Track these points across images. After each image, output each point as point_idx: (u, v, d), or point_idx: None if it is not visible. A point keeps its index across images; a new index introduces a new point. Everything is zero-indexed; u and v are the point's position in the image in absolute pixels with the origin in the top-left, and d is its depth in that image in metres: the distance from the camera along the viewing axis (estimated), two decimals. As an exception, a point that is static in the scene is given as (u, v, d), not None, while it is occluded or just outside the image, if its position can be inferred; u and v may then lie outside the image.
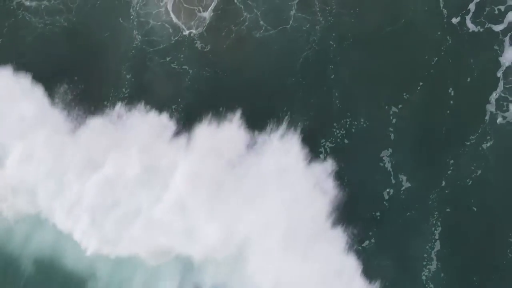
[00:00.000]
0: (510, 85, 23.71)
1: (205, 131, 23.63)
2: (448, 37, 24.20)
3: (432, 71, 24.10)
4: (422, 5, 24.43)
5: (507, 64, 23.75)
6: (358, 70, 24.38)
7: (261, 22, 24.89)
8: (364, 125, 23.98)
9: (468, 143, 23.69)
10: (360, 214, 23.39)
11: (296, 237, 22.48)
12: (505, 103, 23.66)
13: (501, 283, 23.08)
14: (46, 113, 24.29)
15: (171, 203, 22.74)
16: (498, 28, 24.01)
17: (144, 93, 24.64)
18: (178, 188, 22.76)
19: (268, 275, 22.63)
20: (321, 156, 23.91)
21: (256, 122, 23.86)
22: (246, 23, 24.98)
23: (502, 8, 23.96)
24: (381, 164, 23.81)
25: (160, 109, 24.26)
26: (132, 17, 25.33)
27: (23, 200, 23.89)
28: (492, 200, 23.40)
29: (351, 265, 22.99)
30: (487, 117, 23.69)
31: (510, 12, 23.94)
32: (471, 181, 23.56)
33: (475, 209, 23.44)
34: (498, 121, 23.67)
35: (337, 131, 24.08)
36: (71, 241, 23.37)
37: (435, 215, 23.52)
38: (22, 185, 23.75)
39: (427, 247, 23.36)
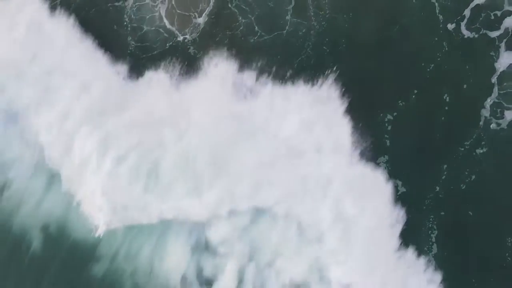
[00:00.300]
0: (504, 91, 23.76)
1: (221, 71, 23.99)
2: (443, 43, 24.04)
3: (427, 77, 24.06)
4: (418, 10, 24.17)
5: (501, 70, 23.73)
6: (353, 76, 24.21)
7: (256, 28, 24.67)
8: (360, 132, 24.08)
9: (462, 149, 23.89)
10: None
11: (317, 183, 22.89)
12: (499, 109, 23.76)
13: (497, 285, 23.70)
14: None
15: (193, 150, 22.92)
16: (493, 34, 23.82)
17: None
18: (198, 126, 23.00)
19: (290, 225, 22.95)
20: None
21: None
22: (241, 28, 24.72)
23: (498, 13, 23.75)
24: (378, 170, 24.03)
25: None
26: (125, 23, 25.04)
27: (37, 156, 23.92)
28: (486, 204, 23.80)
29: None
30: (481, 123, 23.84)
31: (507, 18, 23.74)
32: (465, 186, 23.90)
33: (470, 213, 23.87)
34: (492, 126, 23.82)
35: (334, 138, 24.17)
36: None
37: (431, 219, 23.96)
38: (36, 137, 23.73)
39: (425, 249, 23.86)
